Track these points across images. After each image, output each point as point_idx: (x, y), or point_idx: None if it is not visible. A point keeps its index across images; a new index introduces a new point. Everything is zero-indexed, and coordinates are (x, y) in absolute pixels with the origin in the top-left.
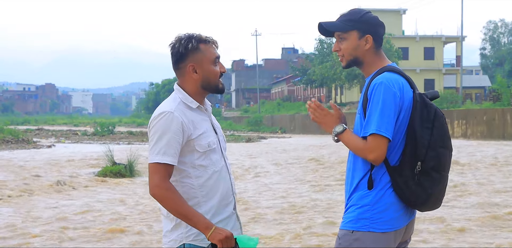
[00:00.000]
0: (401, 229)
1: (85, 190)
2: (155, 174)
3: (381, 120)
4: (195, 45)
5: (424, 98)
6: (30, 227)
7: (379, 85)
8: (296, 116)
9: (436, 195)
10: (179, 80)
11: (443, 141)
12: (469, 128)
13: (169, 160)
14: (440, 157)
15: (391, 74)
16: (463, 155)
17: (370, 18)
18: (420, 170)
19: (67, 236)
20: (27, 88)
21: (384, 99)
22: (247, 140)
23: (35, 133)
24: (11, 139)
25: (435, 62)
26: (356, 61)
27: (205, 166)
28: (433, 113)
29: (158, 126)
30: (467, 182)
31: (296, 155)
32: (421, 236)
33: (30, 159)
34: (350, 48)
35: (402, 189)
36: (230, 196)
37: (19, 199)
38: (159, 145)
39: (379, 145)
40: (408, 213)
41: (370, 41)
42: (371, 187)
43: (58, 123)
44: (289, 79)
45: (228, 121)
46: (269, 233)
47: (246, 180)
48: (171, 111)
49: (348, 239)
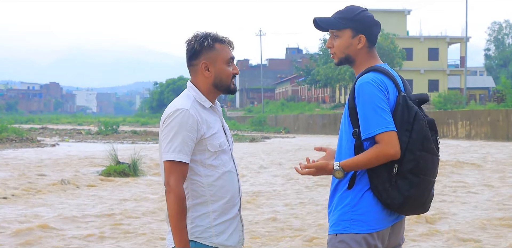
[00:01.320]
0: (385, 230)
1: (88, 189)
2: (171, 175)
3: (382, 117)
4: (211, 43)
5: (406, 100)
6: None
7: (366, 84)
8: (300, 116)
9: (415, 198)
10: (192, 77)
11: (423, 144)
12: (473, 129)
13: (184, 158)
14: (418, 160)
15: (375, 74)
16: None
17: (364, 17)
18: (397, 172)
19: (67, 235)
20: (31, 87)
21: (373, 97)
22: (250, 140)
23: (39, 132)
24: (15, 137)
25: (439, 62)
26: (348, 59)
27: (215, 166)
28: (413, 115)
29: (174, 123)
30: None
31: (300, 155)
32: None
33: (34, 158)
34: (343, 46)
35: (379, 191)
36: (237, 197)
37: (23, 197)
38: (174, 143)
39: (392, 139)
40: (393, 215)
41: (363, 41)
42: (351, 187)
43: (62, 122)
44: (293, 79)
45: (232, 120)
46: (265, 232)
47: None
48: (187, 108)
49: (334, 243)
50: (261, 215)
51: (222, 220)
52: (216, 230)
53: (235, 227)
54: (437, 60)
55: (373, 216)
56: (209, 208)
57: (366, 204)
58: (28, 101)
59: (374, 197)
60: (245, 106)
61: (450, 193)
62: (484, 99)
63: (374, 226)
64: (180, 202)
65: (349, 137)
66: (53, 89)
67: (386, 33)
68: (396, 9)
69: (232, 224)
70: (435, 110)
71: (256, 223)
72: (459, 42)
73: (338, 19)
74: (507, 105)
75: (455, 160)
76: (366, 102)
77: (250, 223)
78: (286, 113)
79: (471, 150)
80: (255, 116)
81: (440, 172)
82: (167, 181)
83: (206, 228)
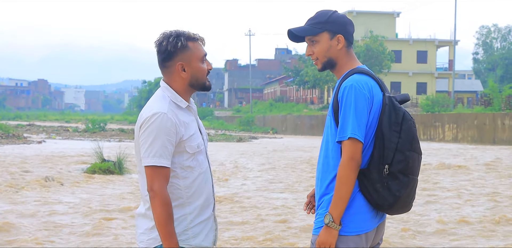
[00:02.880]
0: (372, 231)
1: (72, 186)
2: (155, 180)
3: (357, 123)
4: (184, 43)
5: (393, 101)
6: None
7: (349, 88)
8: (288, 117)
9: (404, 198)
10: (166, 78)
11: (411, 144)
12: (460, 132)
13: (165, 162)
14: (408, 160)
15: (360, 76)
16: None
17: (337, 17)
18: (388, 173)
19: (51, 233)
20: (19, 84)
21: (356, 102)
22: (238, 140)
23: (26, 128)
24: (1, 134)
25: (427, 65)
26: (330, 62)
27: (192, 167)
28: (402, 116)
29: (152, 127)
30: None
31: (286, 155)
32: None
33: (20, 154)
34: (324, 50)
35: (370, 192)
36: (211, 197)
37: (5, 194)
38: (154, 147)
39: (355, 148)
40: (378, 215)
41: (342, 40)
42: None
43: (49, 119)
44: (282, 80)
45: (220, 120)
46: (250, 234)
47: (236, 179)
48: (165, 112)
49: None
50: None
51: (198, 221)
52: (193, 232)
53: (210, 227)
54: (425, 63)
55: (362, 218)
56: (186, 210)
57: (355, 206)
58: (16, 98)
59: (362, 198)
60: (234, 106)
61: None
62: (471, 103)
63: (362, 228)
64: (167, 206)
65: (336, 139)
66: (41, 86)
67: (375, 35)
68: (385, 11)
69: (207, 224)
70: (422, 113)
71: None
72: (447, 46)
73: (313, 25)
74: (494, 109)
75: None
76: (350, 107)
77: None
78: (274, 114)
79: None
80: (243, 116)
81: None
82: (150, 187)
83: (183, 231)
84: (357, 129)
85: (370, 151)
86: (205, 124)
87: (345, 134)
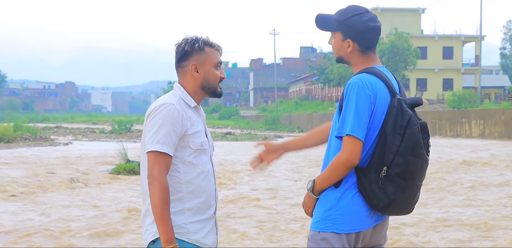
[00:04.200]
0: (366, 231)
1: (96, 187)
2: (155, 165)
3: (357, 121)
4: (201, 46)
5: (402, 104)
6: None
7: (353, 85)
8: (314, 115)
9: (401, 201)
10: (180, 79)
11: (413, 149)
12: (487, 128)
13: (168, 150)
14: (408, 164)
15: (368, 76)
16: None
17: (355, 22)
18: (385, 175)
19: (70, 232)
20: (47, 86)
21: (358, 99)
22: (263, 139)
23: (53, 130)
24: (29, 136)
25: (454, 61)
26: (341, 59)
27: (194, 164)
28: (407, 120)
29: (159, 116)
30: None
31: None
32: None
33: (46, 156)
34: (335, 48)
35: (366, 191)
36: (213, 199)
37: (31, 195)
38: (159, 135)
39: (353, 146)
40: (375, 216)
41: (351, 45)
42: (338, 185)
43: (77, 121)
44: (307, 78)
45: (246, 120)
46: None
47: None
48: (173, 103)
49: (315, 240)
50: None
51: (197, 218)
52: (193, 227)
53: (210, 228)
54: (451, 59)
55: (356, 217)
56: (185, 205)
57: (351, 204)
58: (44, 100)
59: (359, 197)
60: (259, 105)
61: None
62: (499, 98)
63: (356, 227)
64: (164, 191)
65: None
66: (68, 88)
67: (400, 32)
68: (410, 8)
69: (207, 224)
70: (448, 109)
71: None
72: (474, 41)
73: (334, 20)
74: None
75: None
76: (351, 104)
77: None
78: (300, 112)
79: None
80: (268, 115)
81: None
82: (150, 172)
83: (182, 224)
84: (356, 127)
85: (371, 151)
86: (230, 124)
87: (343, 131)
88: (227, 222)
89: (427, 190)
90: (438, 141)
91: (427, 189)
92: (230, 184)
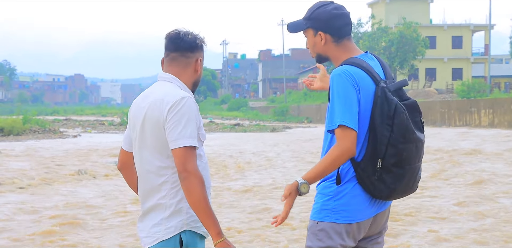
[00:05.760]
0: (366, 221)
1: (105, 179)
2: (190, 159)
3: (346, 111)
4: (206, 45)
5: (385, 92)
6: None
7: (336, 77)
8: (323, 106)
9: (402, 188)
10: (176, 69)
11: (404, 136)
12: (496, 117)
13: (197, 144)
14: (401, 153)
15: (348, 67)
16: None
17: (319, 13)
18: (381, 167)
19: (81, 224)
20: (56, 79)
21: (343, 90)
22: (271, 130)
23: (62, 123)
24: (38, 129)
25: (463, 51)
26: (320, 57)
27: (202, 156)
28: (393, 109)
29: (185, 109)
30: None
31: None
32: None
33: (55, 148)
34: (311, 46)
35: (366, 184)
36: (209, 188)
37: (38, 187)
38: (188, 129)
39: (347, 136)
40: (375, 205)
41: (323, 37)
42: (339, 183)
43: (86, 113)
44: (315, 69)
45: (255, 111)
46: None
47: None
48: (190, 96)
49: (314, 230)
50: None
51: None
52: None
53: None
54: (461, 48)
55: (355, 207)
56: None
57: (351, 195)
58: (54, 93)
59: (358, 188)
60: (268, 96)
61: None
62: (509, 87)
63: (355, 217)
64: (204, 185)
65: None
66: (78, 80)
67: (409, 22)
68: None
69: None
70: (458, 98)
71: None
72: (483, 30)
73: (303, 20)
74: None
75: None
76: (337, 96)
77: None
78: (309, 103)
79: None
80: (277, 106)
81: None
82: (184, 167)
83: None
84: (347, 116)
85: (366, 144)
86: (239, 115)
87: (334, 123)
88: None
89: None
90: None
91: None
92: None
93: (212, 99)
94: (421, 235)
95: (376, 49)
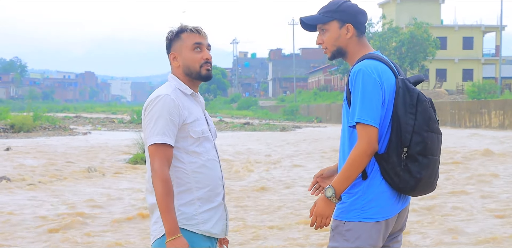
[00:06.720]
0: (393, 218)
1: (113, 177)
2: (155, 158)
3: (364, 108)
4: (174, 34)
5: (406, 83)
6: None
7: (358, 72)
8: (332, 106)
9: (426, 179)
10: (171, 70)
11: (428, 125)
12: (507, 118)
13: (168, 140)
14: (426, 141)
15: (370, 61)
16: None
17: (348, 6)
18: (406, 156)
19: (85, 222)
20: (67, 76)
21: (365, 86)
22: (281, 129)
23: (72, 120)
24: (49, 126)
25: (474, 52)
26: (340, 51)
27: (198, 153)
28: (416, 97)
29: (156, 108)
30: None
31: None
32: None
33: (65, 145)
34: (333, 39)
35: (391, 176)
36: (220, 186)
37: (48, 184)
38: (157, 127)
39: (366, 133)
40: (400, 202)
41: (351, 30)
42: (365, 177)
43: (96, 110)
44: (325, 69)
45: (264, 110)
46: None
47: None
48: (168, 93)
49: (340, 230)
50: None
51: (207, 208)
52: (202, 218)
53: (219, 216)
54: (471, 49)
55: (383, 204)
56: (194, 195)
57: (378, 191)
58: (64, 90)
59: (384, 185)
60: (278, 96)
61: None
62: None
63: (383, 215)
64: (166, 184)
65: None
66: (88, 78)
67: (419, 22)
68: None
69: (217, 212)
70: (468, 99)
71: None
72: (494, 31)
73: (323, 14)
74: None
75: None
76: (358, 91)
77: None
78: (319, 103)
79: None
80: (287, 106)
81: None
82: (152, 165)
83: (192, 215)
84: (365, 113)
85: (388, 135)
86: (249, 114)
87: (353, 119)
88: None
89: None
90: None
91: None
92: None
93: (222, 97)
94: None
95: (387, 49)
